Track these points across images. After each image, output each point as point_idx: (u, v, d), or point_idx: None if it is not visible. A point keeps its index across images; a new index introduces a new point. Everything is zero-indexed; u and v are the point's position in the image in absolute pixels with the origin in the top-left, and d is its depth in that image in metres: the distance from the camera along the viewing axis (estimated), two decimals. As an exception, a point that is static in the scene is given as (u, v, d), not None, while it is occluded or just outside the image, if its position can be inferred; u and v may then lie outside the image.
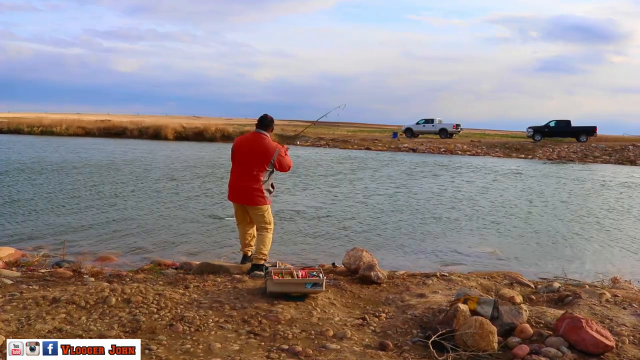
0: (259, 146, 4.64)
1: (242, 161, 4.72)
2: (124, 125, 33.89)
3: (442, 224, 8.29)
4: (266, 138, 4.71)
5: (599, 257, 6.61)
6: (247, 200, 4.71)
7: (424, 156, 24.70)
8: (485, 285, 4.25)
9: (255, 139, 4.73)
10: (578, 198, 12.05)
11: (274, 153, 4.60)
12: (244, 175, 4.67)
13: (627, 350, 2.87)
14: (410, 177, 15.36)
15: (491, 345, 2.81)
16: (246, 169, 4.65)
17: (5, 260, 4.95)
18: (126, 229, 7.05)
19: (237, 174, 4.75)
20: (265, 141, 4.67)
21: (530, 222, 8.82)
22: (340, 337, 3.01)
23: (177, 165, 16.29)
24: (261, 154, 4.61)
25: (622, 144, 27.93)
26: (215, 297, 3.57)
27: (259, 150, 4.62)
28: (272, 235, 4.80)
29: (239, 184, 4.69)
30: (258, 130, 4.77)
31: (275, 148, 4.64)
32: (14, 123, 33.71)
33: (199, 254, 5.91)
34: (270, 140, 4.72)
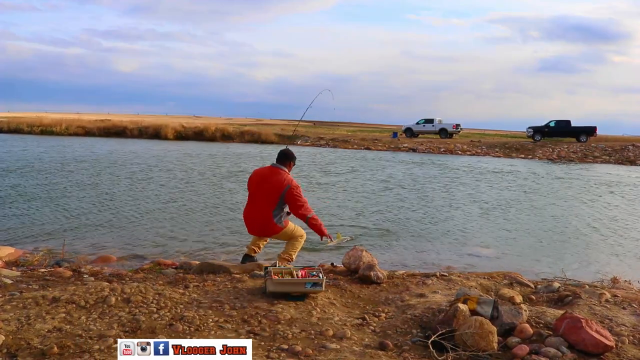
0: (270, 181, 4.54)
1: (253, 193, 4.68)
2: (124, 124, 33.91)
3: (442, 224, 8.29)
4: (281, 173, 4.58)
5: (599, 257, 6.61)
6: (262, 233, 4.73)
7: (424, 156, 24.69)
8: (485, 285, 4.25)
9: (268, 173, 4.63)
10: (578, 198, 12.05)
11: (284, 188, 4.47)
12: (253, 210, 4.64)
13: (627, 350, 2.87)
14: (409, 177, 15.36)
15: (491, 345, 2.81)
16: (256, 202, 4.61)
17: (5, 259, 4.95)
18: (126, 229, 7.05)
19: (248, 207, 4.72)
20: (278, 176, 4.54)
21: (530, 222, 8.82)
22: (340, 337, 3.01)
23: (177, 165, 16.29)
24: (270, 188, 4.51)
25: (622, 144, 27.94)
26: (215, 297, 3.57)
27: (269, 185, 4.53)
28: (303, 240, 4.80)
29: (250, 215, 4.69)
30: (275, 164, 4.66)
31: (286, 183, 4.49)
32: (14, 123, 33.72)
33: (199, 253, 5.91)
34: (285, 175, 4.58)
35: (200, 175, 13.76)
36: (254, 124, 48.59)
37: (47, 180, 11.52)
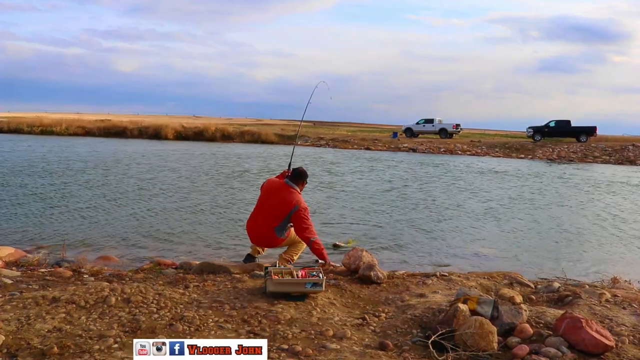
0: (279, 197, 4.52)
1: (260, 204, 4.67)
2: (124, 125, 33.92)
3: (442, 224, 8.29)
4: (292, 193, 4.54)
5: (599, 257, 6.61)
6: (265, 245, 4.78)
7: (424, 156, 24.70)
8: (485, 285, 4.25)
9: (280, 188, 4.60)
10: (577, 198, 12.05)
11: (292, 208, 4.45)
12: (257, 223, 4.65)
13: (627, 350, 2.86)
14: (409, 177, 15.36)
15: (491, 345, 2.81)
16: (261, 215, 4.61)
17: (5, 260, 4.95)
18: (126, 229, 7.05)
19: (252, 218, 4.71)
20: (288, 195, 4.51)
21: (530, 222, 8.82)
22: (340, 337, 3.01)
23: (177, 165, 16.29)
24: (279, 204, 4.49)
25: (622, 144, 27.95)
26: (215, 297, 3.57)
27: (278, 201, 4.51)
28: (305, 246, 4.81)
29: (253, 228, 4.69)
30: (288, 182, 4.63)
31: (294, 203, 4.47)
32: (14, 123, 33.73)
33: (199, 253, 5.91)
34: (296, 195, 4.55)
35: (200, 175, 13.76)
36: (254, 124, 48.60)
37: (47, 180, 11.51)
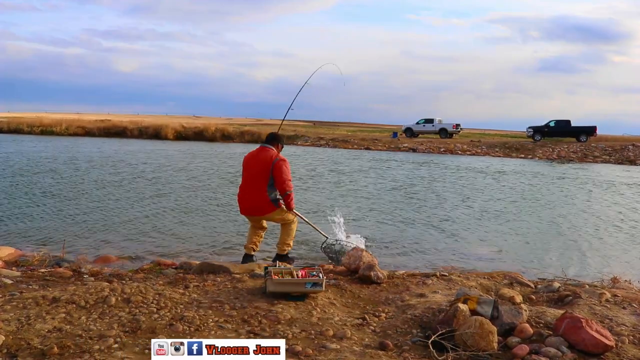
0: (259, 158, 4.78)
1: (246, 174, 4.88)
2: (124, 125, 33.95)
3: (442, 224, 8.29)
4: (269, 151, 4.81)
5: (599, 256, 6.61)
6: (255, 212, 4.89)
7: (424, 156, 24.70)
8: (485, 285, 4.25)
9: (257, 152, 4.87)
10: (578, 198, 12.05)
11: (272, 161, 4.68)
12: (247, 188, 4.82)
13: (627, 350, 2.86)
14: (409, 177, 15.36)
15: (491, 345, 2.81)
16: (249, 181, 4.81)
17: (5, 260, 4.95)
18: (126, 229, 7.05)
19: (242, 188, 4.90)
20: (266, 153, 4.78)
21: (530, 221, 8.82)
22: (340, 336, 3.01)
23: (177, 164, 16.29)
24: (261, 165, 4.73)
25: (622, 144, 27.94)
26: (215, 297, 3.57)
27: (259, 162, 4.75)
28: (295, 226, 5.02)
29: (244, 196, 4.86)
30: (263, 144, 4.92)
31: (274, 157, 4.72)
32: (14, 123, 33.76)
33: (199, 253, 5.91)
34: (273, 151, 4.81)
35: (199, 175, 13.76)
36: (254, 124, 48.62)
37: (47, 180, 11.51)
